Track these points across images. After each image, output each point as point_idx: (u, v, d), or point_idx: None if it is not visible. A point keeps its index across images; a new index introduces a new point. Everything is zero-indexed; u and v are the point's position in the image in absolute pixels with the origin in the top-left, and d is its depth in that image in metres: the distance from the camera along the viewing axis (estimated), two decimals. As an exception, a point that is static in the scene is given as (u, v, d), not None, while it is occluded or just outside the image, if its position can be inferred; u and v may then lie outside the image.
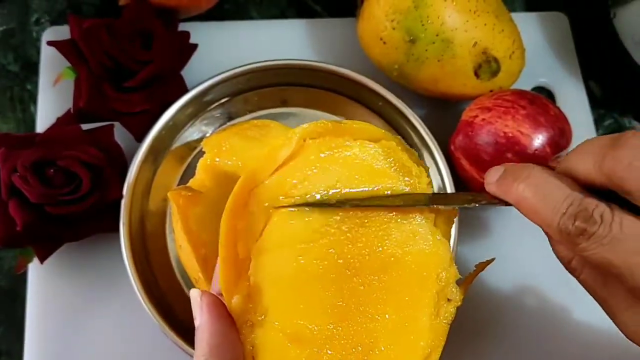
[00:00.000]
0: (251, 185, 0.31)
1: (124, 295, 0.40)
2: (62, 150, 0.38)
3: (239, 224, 0.30)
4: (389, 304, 0.31)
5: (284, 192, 0.31)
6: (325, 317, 0.30)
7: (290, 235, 0.31)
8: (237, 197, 0.31)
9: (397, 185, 0.32)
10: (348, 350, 0.30)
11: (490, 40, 0.41)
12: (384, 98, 0.43)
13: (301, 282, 0.30)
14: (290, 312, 0.30)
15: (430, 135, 0.42)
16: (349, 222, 0.31)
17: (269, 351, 0.29)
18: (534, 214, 0.25)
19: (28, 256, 0.40)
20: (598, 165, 0.24)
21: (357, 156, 0.32)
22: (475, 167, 0.41)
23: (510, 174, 0.27)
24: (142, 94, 0.42)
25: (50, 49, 0.42)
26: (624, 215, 0.23)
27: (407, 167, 0.33)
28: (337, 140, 0.32)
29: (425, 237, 0.32)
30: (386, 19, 0.41)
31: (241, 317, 0.29)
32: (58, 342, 0.41)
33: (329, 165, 0.32)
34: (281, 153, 0.32)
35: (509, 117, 0.39)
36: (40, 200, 0.37)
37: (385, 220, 0.32)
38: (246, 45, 0.49)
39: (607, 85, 0.52)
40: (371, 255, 0.31)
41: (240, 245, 0.30)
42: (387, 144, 0.33)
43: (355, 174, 0.32)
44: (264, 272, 0.30)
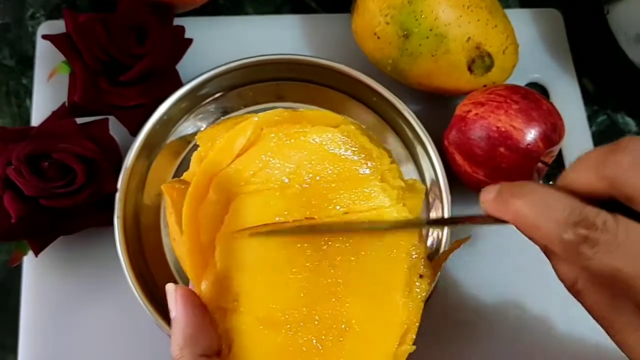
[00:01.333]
0: (211, 174, 0.31)
1: (118, 288, 0.40)
2: (56, 144, 0.38)
3: (201, 212, 0.31)
4: (361, 284, 0.31)
5: (244, 180, 0.31)
6: (298, 300, 0.30)
7: (253, 220, 0.31)
8: (197, 186, 0.31)
9: (358, 167, 0.32)
10: (323, 331, 0.30)
11: (483, 36, 0.41)
12: (378, 93, 0.43)
13: (269, 267, 0.30)
14: (261, 297, 0.30)
15: (423, 129, 0.42)
16: (309, 207, 0.31)
17: (244, 336, 0.30)
18: (533, 230, 0.24)
19: (22, 249, 0.40)
20: (599, 172, 0.23)
21: (315, 141, 0.32)
22: (468, 161, 0.41)
23: (507, 191, 0.26)
24: (136, 88, 0.42)
25: (46, 43, 0.42)
26: (629, 221, 0.22)
27: (367, 150, 0.33)
28: (295, 127, 0.32)
29: (391, 215, 0.32)
30: (380, 14, 0.41)
31: (212, 303, 0.30)
32: (52, 335, 0.41)
33: (287, 151, 0.32)
34: (238, 142, 0.32)
35: (502, 111, 0.39)
36: (34, 194, 0.37)
37: (349, 202, 0.32)
38: (241, 41, 0.49)
39: (601, 82, 0.52)
40: (338, 237, 0.31)
41: (203, 233, 0.30)
42: (346, 128, 0.33)
43: (314, 158, 0.32)
44: (230, 257, 0.30)
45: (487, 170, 0.40)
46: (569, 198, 0.24)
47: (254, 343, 0.30)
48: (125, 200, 0.40)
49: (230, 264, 0.30)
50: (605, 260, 0.22)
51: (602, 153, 0.23)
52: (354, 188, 0.32)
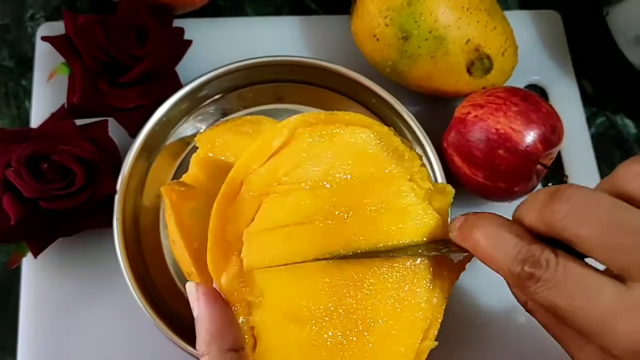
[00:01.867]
0: (244, 173, 0.32)
1: (117, 290, 0.40)
2: (56, 145, 0.38)
3: (230, 210, 0.31)
4: (386, 280, 0.31)
5: (276, 180, 0.31)
6: (323, 296, 0.30)
7: (282, 219, 0.31)
8: (230, 184, 0.31)
9: (388, 168, 0.33)
10: (348, 326, 0.30)
11: (483, 38, 0.41)
12: (377, 95, 0.43)
13: (296, 264, 0.31)
14: (287, 293, 0.30)
15: (423, 131, 0.42)
16: (340, 206, 0.31)
17: (269, 331, 0.30)
18: (488, 260, 0.27)
19: (22, 251, 0.40)
20: (540, 217, 0.25)
21: (348, 141, 0.33)
22: (467, 163, 0.41)
23: (469, 223, 0.28)
24: (136, 90, 0.42)
25: (45, 44, 0.42)
26: (567, 261, 0.24)
27: (399, 151, 0.33)
28: (328, 127, 0.33)
29: (418, 213, 0.32)
30: (379, 16, 0.41)
31: (233, 297, 0.30)
32: (52, 337, 0.41)
33: (320, 152, 0.32)
34: (273, 142, 0.32)
35: (501, 113, 0.39)
36: (34, 195, 0.37)
37: (378, 202, 0.32)
38: (241, 42, 0.49)
39: (600, 83, 0.52)
40: (365, 234, 0.31)
41: (230, 229, 0.31)
42: (379, 130, 0.33)
43: (348, 158, 0.32)
44: (257, 254, 0.30)
45: (486, 172, 0.40)
46: (520, 234, 0.26)
47: (279, 338, 0.30)
48: (125, 201, 0.40)
49: (256, 261, 0.30)
50: (545, 295, 0.24)
51: (544, 199, 0.25)
52: (384, 187, 0.32)
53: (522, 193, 0.41)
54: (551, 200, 0.25)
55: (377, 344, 0.31)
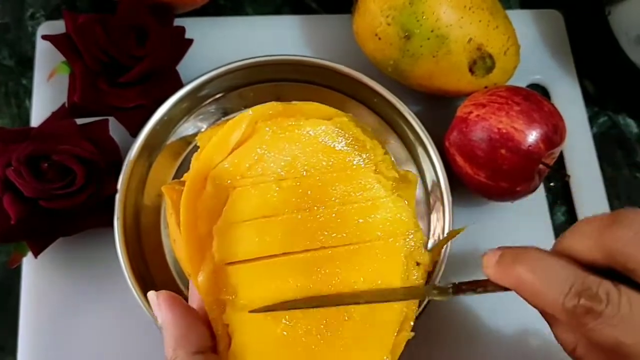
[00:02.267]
0: (207, 168, 0.32)
1: (118, 289, 0.40)
2: (56, 145, 0.38)
3: (198, 205, 0.31)
4: (360, 272, 0.31)
5: (240, 173, 0.32)
6: (296, 291, 0.30)
7: (249, 212, 0.31)
8: (194, 180, 0.32)
9: (352, 159, 0.33)
10: (322, 321, 0.30)
11: (485, 37, 0.41)
12: (378, 94, 0.43)
13: (267, 258, 0.31)
14: (259, 288, 0.30)
15: (424, 131, 0.42)
16: (306, 199, 0.32)
17: (243, 328, 0.30)
18: (536, 297, 0.25)
19: (22, 250, 0.39)
20: (599, 243, 0.23)
21: (309, 134, 0.33)
22: (469, 163, 0.41)
23: (509, 257, 0.26)
24: (137, 89, 0.42)
25: (46, 43, 0.42)
26: (631, 293, 0.22)
27: (360, 141, 0.33)
28: (289, 120, 0.33)
29: (387, 205, 0.32)
30: (381, 15, 0.41)
31: (210, 296, 0.30)
32: (52, 337, 0.41)
33: (282, 144, 0.32)
34: (233, 136, 0.32)
35: (503, 113, 0.39)
36: (34, 195, 0.36)
37: (345, 194, 0.32)
38: (241, 41, 0.49)
39: (602, 83, 0.52)
40: (335, 228, 0.32)
41: (201, 225, 0.31)
42: (339, 120, 0.34)
43: (309, 151, 0.33)
44: (227, 249, 0.30)
45: (489, 171, 0.40)
46: (571, 266, 0.24)
47: (253, 335, 0.30)
48: (125, 201, 0.40)
49: (227, 256, 0.30)
50: (608, 332, 0.22)
51: (602, 225, 0.23)
52: (349, 179, 0.33)
53: (524, 193, 0.41)
54: (611, 225, 0.23)
55: (352, 337, 0.31)
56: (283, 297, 0.30)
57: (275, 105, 0.34)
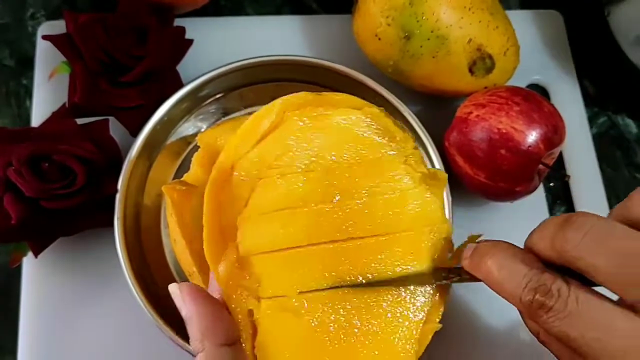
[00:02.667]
0: (233, 158, 0.31)
1: (118, 289, 0.40)
2: (57, 145, 0.38)
3: (222, 196, 0.30)
4: (387, 264, 0.31)
5: (267, 164, 0.31)
6: (322, 281, 0.30)
7: (276, 203, 0.31)
8: (219, 169, 0.31)
9: (381, 150, 0.32)
10: (351, 310, 0.30)
11: (484, 37, 0.41)
12: (379, 94, 0.43)
13: (292, 249, 0.30)
14: (284, 280, 0.30)
15: (424, 131, 0.42)
16: (333, 190, 0.31)
17: (269, 318, 0.29)
18: (499, 288, 0.27)
19: (22, 250, 0.40)
20: (552, 245, 0.25)
21: (339, 124, 0.32)
22: (469, 163, 0.41)
23: (480, 251, 0.28)
24: (137, 89, 0.42)
25: (46, 43, 0.42)
26: (579, 291, 0.24)
27: (391, 132, 0.33)
28: (318, 110, 0.32)
29: (416, 196, 0.32)
30: (381, 16, 0.41)
31: (231, 285, 0.29)
32: (52, 337, 0.41)
33: (310, 134, 0.32)
34: (262, 125, 0.32)
35: (503, 113, 0.39)
36: (35, 195, 0.36)
37: (372, 185, 0.32)
38: (242, 42, 0.49)
39: (601, 83, 0.52)
40: (362, 219, 0.31)
41: (224, 216, 0.30)
42: (370, 111, 0.33)
43: (339, 141, 0.32)
44: (252, 239, 0.30)
45: (488, 172, 0.40)
46: (534, 263, 0.26)
47: (279, 325, 0.29)
48: (126, 201, 0.40)
49: (251, 247, 0.30)
50: (557, 325, 0.24)
51: (555, 226, 0.25)
52: (378, 170, 0.32)
53: (524, 193, 0.41)
54: (562, 228, 0.25)
55: (379, 328, 0.30)
56: (308, 287, 0.30)
57: (305, 95, 0.33)
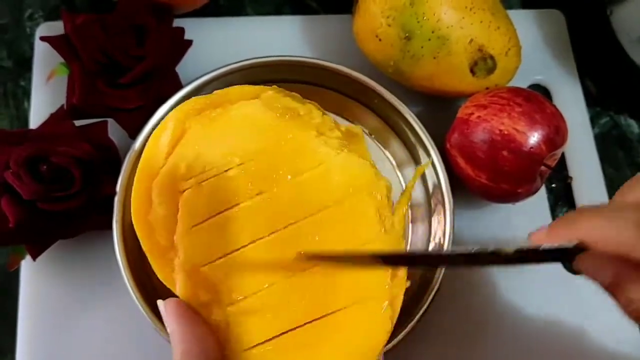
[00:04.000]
0: (148, 178, 0.31)
1: (117, 292, 0.40)
2: (55, 147, 0.38)
3: (151, 219, 0.31)
4: (337, 236, 0.31)
5: (181, 175, 0.31)
6: (275, 275, 0.30)
7: (205, 211, 0.31)
8: (139, 194, 0.31)
9: (290, 130, 0.32)
10: (306, 304, 0.30)
11: (486, 38, 0.41)
12: (379, 95, 0.43)
13: (236, 251, 0.31)
14: (238, 283, 0.30)
15: (425, 132, 0.42)
16: (258, 182, 0.31)
17: (234, 326, 0.30)
18: (608, 240, 0.24)
19: (20, 253, 0.39)
20: (631, 248, 0.23)
21: (240, 117, 0.32)
22: (470, 164, 0.41)
23: (570, 215, 0.25)
24: (136, 90, 0.41)
25: (44, 44, 0.41)
26: None
27: (292, 109, 0.33)
28: (217, 110, 0.32)
29: (340, 163, 0.32)
30: (382, 16, 0.41)
31: (192, 301, 0.30)
32: (51, 340, 0.41)
33: (216, 135, 0.32)
34: (162, 140, 0.32)
35: (505, 114, 0.39)
36: (32, 197, 0.36)
37: (294, 166, 0.32)
38: (241, 42, 0.49)
39: (604, 83, 0.52)
40: (296, 202, 0.31)
41: (160, 236, 0.30)
42: (265, 96, 0.33)
43: (246, 133, 0.32)
44: (195, 254, 0.30)
45: (490, 173, 0.40)
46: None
47: (247, 331, 0.30)
48: (124, 203, 0.39)
49: (197, 261, 0.30)
50: None
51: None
52: (294, 150, 0.32)
53: (526, 194, 0.41)
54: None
55: (347, 296, 0.31)
56: (268, 281, 0.30)
57: (197, 99, 0.33)
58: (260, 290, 0.30)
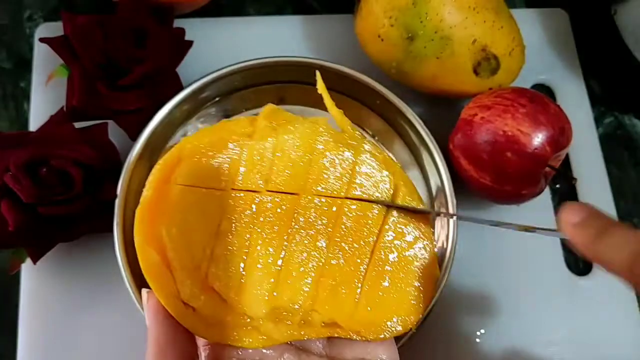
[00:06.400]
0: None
1: (118, 295, 0.39)
2: (55, 150, 0.37)
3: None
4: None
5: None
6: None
7: None
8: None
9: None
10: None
11: (489, 38, 0.41)
12: (382, 96, 0.42)
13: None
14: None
15: (428, 133, 0.41)
16: None
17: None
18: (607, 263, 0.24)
19: (21, 257, 0.39)
20: (628, 267, 0.23)
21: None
22: (474, 166, 0.40)
23: (594, 229, 0.26)
24: (136, 92, 0.41)
25: (44, 46, 0.41)
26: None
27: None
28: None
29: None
30: (384, 16, 0.40)
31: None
32: (51, 343, 0.41)
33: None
34: None
35: (509, 115, 0.39)
36: (32, 201, 0.36)
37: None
38: (242, 42, 0.49)
39: (608, 83, 0.51)
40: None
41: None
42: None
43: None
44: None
45: (494, 175, 0.39)
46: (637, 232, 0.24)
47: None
48: (125, 206, 0.39)
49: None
50: None
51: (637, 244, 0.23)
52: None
53: (530, 196, 0.41)
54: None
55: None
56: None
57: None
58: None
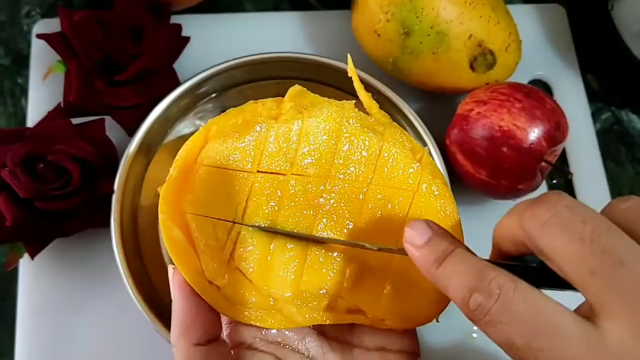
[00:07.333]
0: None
1: (115, 290, 0.40)
2: (52, 145, 0.38)
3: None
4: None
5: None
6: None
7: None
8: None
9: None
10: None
11: (485, 33, 0.41)
12: (378, 91, 0.42)
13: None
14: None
15: (425, 128, 0.41)
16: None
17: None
18: (443, 289, 0.23)
19: (18, 252, 0.39)
20: (519, 221, 0.22)
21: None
22: (470, 161, 0.40)
23: (435, 248, 0.24)
24: (133, 88, 0.41)
25: (41, 42, 0.41)
26: (529, 290, 0.21)
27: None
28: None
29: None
30: (380, 11, 0.40)
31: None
32: (49, 338, 0.41)
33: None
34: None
35: (505, 110, 0.39)
36: (30, 196, 0.36)
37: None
38: (240, 38, 0.49)
39: (605, 78, 0.51)
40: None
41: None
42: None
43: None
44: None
45: (490, 170, 0.39)
46: (478, 261, 0.23)
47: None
48: (122, 201, 0.39)
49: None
50: (499, 330, 0.21)
51: (525, 205, 0.22)
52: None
53: (526, 191, 0.41)
54: (533, 204, 0.22)
55: None
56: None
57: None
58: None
